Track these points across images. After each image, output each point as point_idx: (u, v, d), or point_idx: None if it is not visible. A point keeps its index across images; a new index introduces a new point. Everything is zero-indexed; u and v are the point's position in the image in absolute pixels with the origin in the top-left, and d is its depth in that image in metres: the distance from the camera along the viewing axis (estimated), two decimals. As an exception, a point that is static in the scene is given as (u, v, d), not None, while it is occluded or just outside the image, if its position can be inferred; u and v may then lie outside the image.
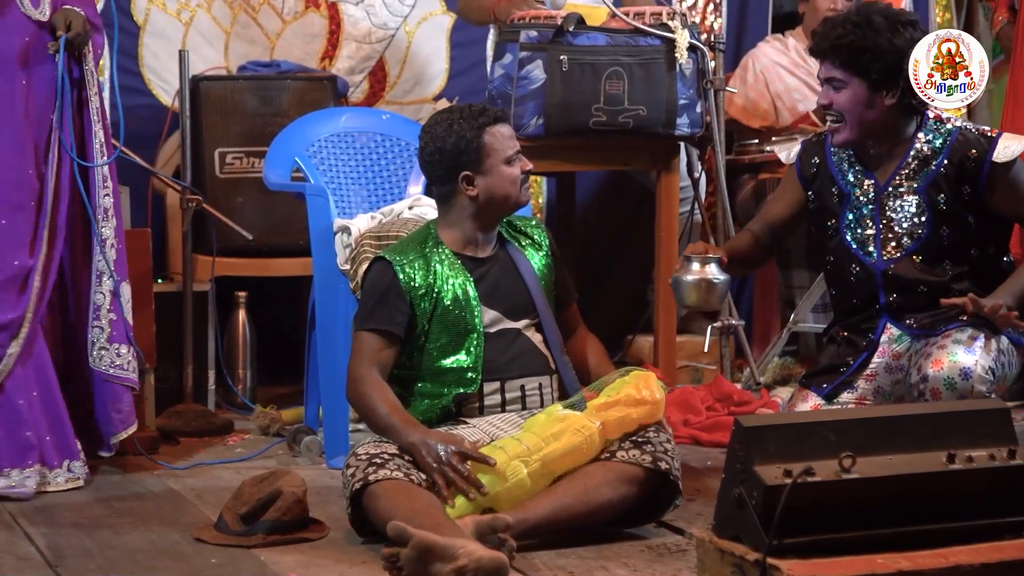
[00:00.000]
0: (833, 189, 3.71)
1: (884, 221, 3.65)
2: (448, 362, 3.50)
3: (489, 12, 4.82)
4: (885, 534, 2.88)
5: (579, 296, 3.80)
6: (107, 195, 3.92)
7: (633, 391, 3.43)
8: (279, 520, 3.38)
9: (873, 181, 3.67)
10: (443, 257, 3.54)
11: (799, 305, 5.05)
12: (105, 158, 3.92)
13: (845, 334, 3.73)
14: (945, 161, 3.60)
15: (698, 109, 4.61)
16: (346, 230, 4.13)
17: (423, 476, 3.32)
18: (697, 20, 5.71)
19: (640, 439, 3.41)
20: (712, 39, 4.83)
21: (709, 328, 4.86)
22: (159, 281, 4.74)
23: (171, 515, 3.64)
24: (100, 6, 5.03)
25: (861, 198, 3.68)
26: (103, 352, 3.92)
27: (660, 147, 4.70)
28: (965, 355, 3.49)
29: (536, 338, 3.58)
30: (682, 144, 4.83)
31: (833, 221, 3.71)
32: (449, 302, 3.50)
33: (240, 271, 4.88)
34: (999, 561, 2.85)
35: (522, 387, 3.54)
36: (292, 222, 4.71)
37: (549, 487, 3.33)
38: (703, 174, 5.20)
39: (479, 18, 4.96)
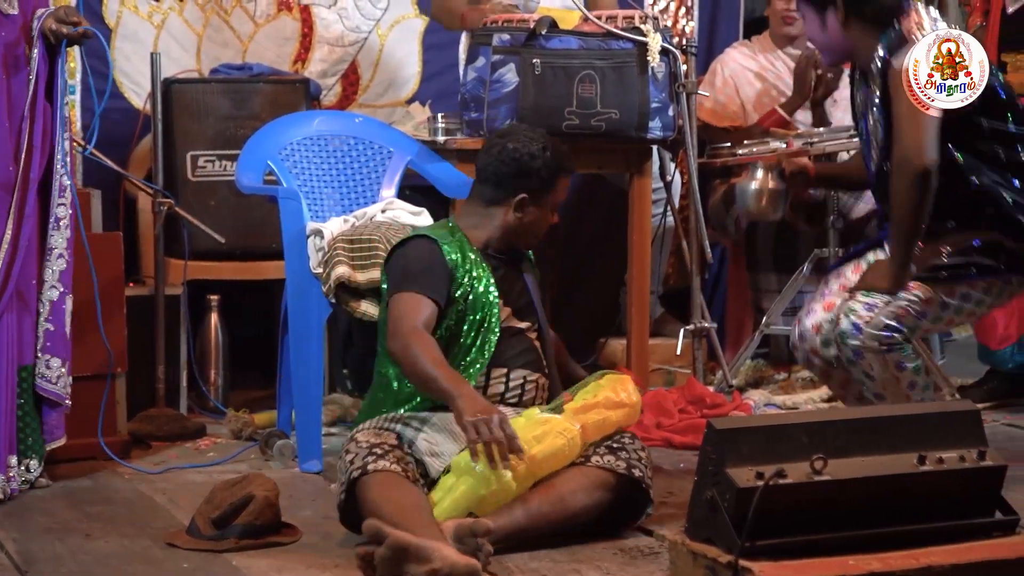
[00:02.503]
0: (856, 100, 3.86)
1: (867, 130, 3.76)
2: (468, 357, 3.53)
3: (460, 19, 4.82)
4: (857, 535, 2.89)
5: (551, 300, 3.86)
6: (62, 205, 3.86)
7: (611, 393, 3.44)
8: (251, 524, 3.37)
9: (861, 92, 3.80)
10: (472, 250, 3.60)
11: (771, 308, 5.07)
12: (67, 168, 3.88)
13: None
14: (877, 64, 3.68)
15: (670, 112, 4.62)
16: (319, 233, 4.13)
17: (416, 472, 3.33)
18: (669, 24, 5.73)
19: (615, 445, 3.42)
20: (684, 43, 4.85)
21: (682, 331, 4.87)
22: (131, 285, 4.72)
23: (143, 520, 3.63)
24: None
25: (858, 110, 3.83)
26: (36, 361, 3.89)
27: (633, 150, 4.71)
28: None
29: (535, 342, 3.66)
30: (654, 147, 4.84)
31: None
32: (481, 292, 3.55)
33: (212, 274, 4.86)
34: (969, 562, 2.86)
35: (524, 378, 3.58)
36: (265, 225, 4.70)
37: (525, 494, 3.33)
38: (676, 177, 5.21)
39: (450, 23, 4.97)
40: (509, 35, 4.49)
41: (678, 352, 4.91)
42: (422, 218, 4.29)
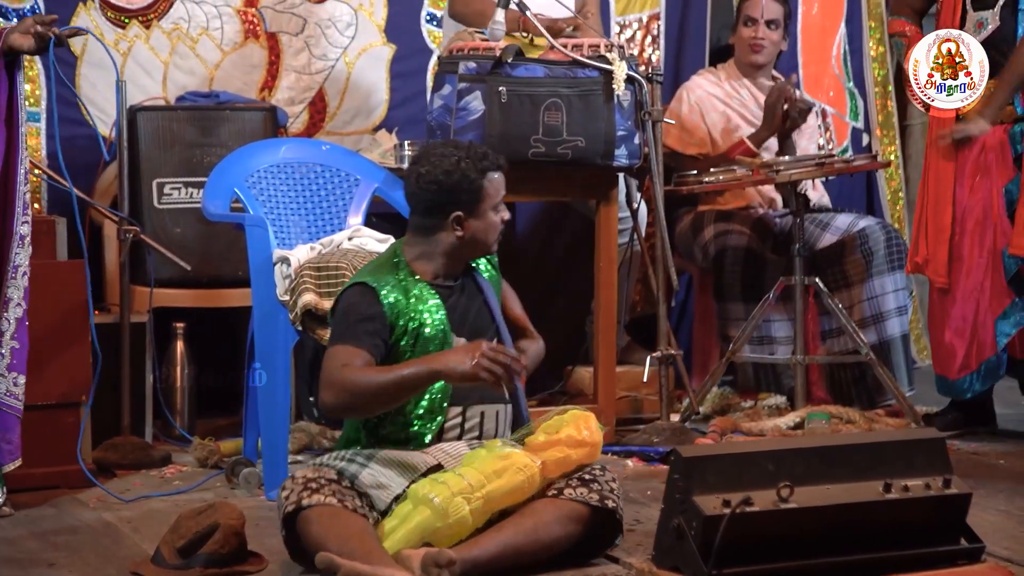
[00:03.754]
0: None
1: None
2: (428, 396, 3.46)
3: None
4: (823, 563, 2.90)
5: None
6: (25, 223, 3.86)
7: (574, 432, 3.42)
8: (217, 553, 3.35)
9: None
10: (419, 286, 3.50)
11: (737, 336, 5.09)
12: (27, 185, 3.87)
13: None
14: None
15: (636, 140, 4.64)
16: (285, 261, 4.12)
17: (358, 503, 3.28)
18: (635, 52, 5.76)
19: (587, 476, 3.40)
20: (650, 71, 4.87)
21: (648, 359, 4.88)
22: (96, 312, 4.70)
23: (108, 549, 3.61)
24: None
25: None
26: (0, 379, 3.87)
27: (599, 178, 4.72)
28: None
29: None
30: (620, 175, 4.86)
31: None
32: (429, 332, 3.47)
33: (178, 302, 4.85)
34: (934, 589, 2.88)
35: (482, 413, 3.52)
36: (231, 253, 4.69)
37: (499, 524, 3.31)
38: (642, 205, 5.23)
39: (479, 22, 4.95)
40: (475, 63, 4.50)
41: (645, 380, 4.91)
42: (388, 245, 4.29)
